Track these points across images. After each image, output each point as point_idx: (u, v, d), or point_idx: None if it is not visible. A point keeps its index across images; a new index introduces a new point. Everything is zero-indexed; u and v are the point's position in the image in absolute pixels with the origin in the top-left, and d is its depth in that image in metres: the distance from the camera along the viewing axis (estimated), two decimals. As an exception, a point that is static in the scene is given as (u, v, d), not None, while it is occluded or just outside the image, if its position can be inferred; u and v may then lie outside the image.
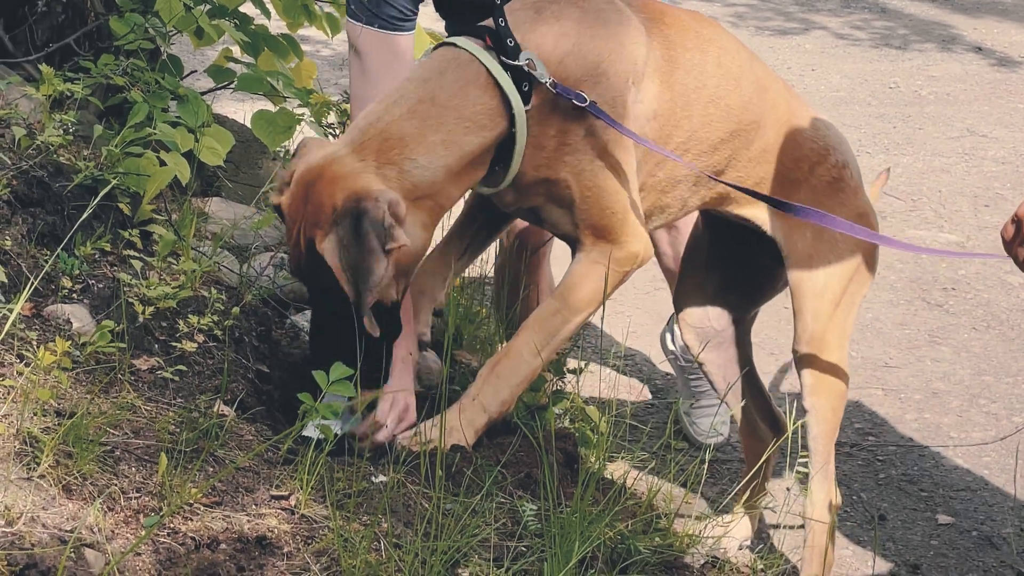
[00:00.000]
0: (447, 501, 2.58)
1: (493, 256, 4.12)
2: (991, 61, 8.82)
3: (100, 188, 3.03)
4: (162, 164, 3.26)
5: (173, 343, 2.84)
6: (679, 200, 3.12)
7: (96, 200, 2.94)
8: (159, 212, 3.30)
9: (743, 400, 3.48)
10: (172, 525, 2.29)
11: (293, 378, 3.07)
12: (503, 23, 2.81)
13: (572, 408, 3.50)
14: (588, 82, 2.83)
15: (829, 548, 3.24)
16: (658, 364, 4.70)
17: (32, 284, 2.61)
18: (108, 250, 3.03)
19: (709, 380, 3.52)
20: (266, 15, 4.44)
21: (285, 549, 2.33)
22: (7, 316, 2.55)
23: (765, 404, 3.56)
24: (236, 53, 4.32)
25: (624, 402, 4.31)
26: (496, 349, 3.61)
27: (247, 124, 4.19)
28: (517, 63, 2.77)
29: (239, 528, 2.33)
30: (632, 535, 2.72)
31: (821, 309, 3.18)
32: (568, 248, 3.03)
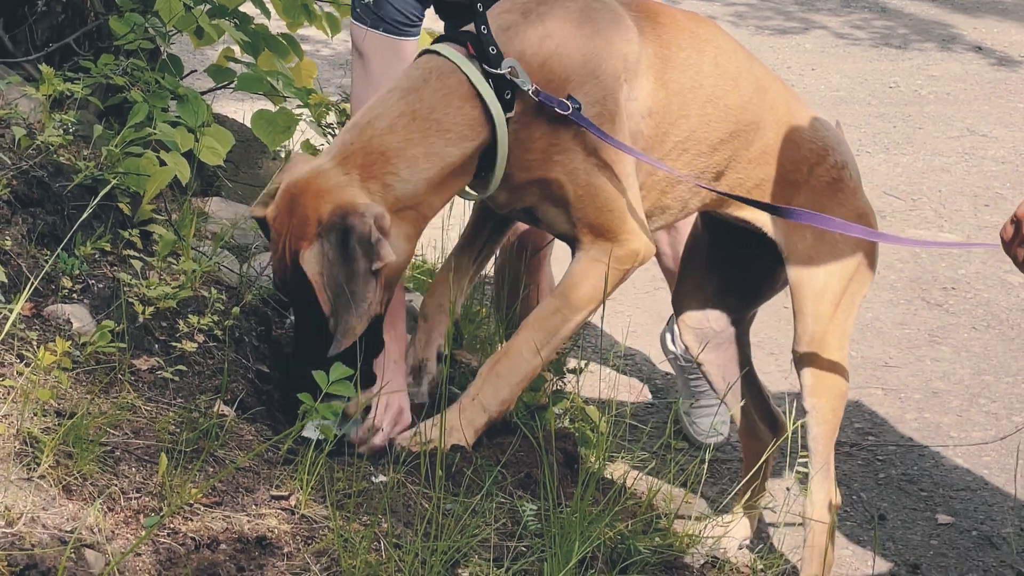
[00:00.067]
0: (447, 501, 2.58)
1: (493, 256, 4.12)
2: (991, 60, 8.82)
3: (100, 188, 3.03)
4: (162, 164, 3.26)
5: (173, 343, 2.84)
6: (680, 201, 3.12)
7: (96, 200, 2.94)
8: (159, 212, 3.30)
9: (742, 400, 3.48)
10: (172, 525, 2.29)
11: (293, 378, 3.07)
12: (485, 30, 2.81)
13: (572, 408, 3.50)
14: (574, 82, 2.83)
15: (829, 548, 3.24)
16: (658, 364, 4.70)
17: (32, 284, 2.61)
18: (108, 250, 3.03)
19: (708, 380, 3.52)
20: (266, 15, 4.43)
21: (285, 549, 2.33)
22: (7, 316, 2.55)
23: (764, 404, 3.56)
24: (236, 53, 4.32)
25: (624, 402, 4.31)
26: (496, 349, 3.61)
27: (247, 124, 4.19)
28: (499, 71, 2.78)
29: (239, 528, 2.33)
30: (632, 535, 2.72)
31: (821, 310, 3.18)
32: (569, 249, 3.03)
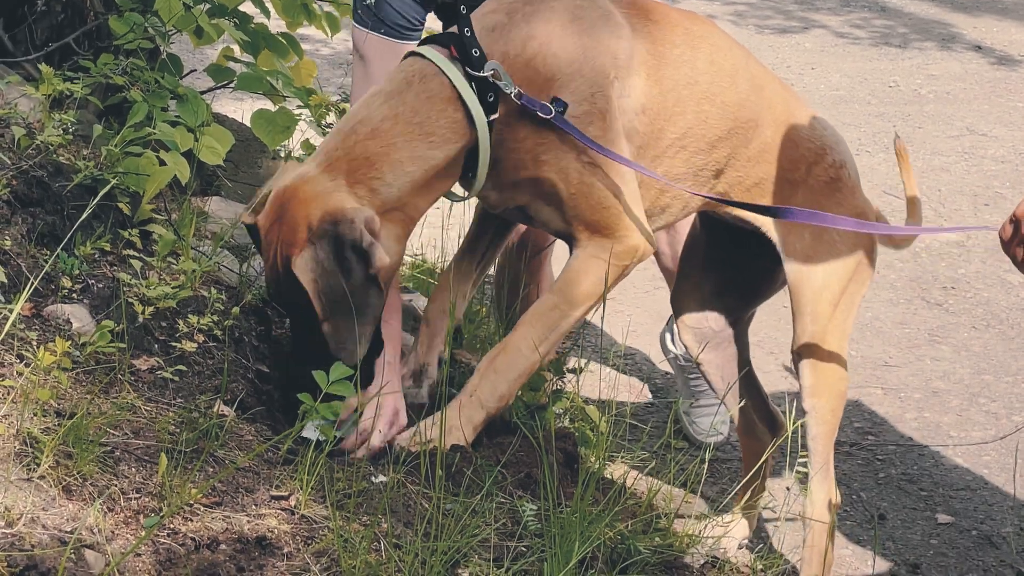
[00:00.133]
0: (447, 501, 2.57)
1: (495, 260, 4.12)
2: (991, 60, 8.82)
3: (100, 188, 3.02)
4: (162, 164, 3.25)
5: (173, 343, 2.83)
6: (679, 200, 3.11)
7: (96, 200, 2.94)
8: (159, 212, 3.29)
9: (741, 400, 3.48)
10: (172, 526, 2.29)
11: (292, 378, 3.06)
12: (468, 32, 2.81)
13: (572, 408, 3.49)
14: (560, 80, 2.83)
15: (829, 547, 3.24)
16: (658, 363, 4.70)
17: (32, 284, 2.61)
18: (108, 250, 3.02)
19: (707, 380, 3.52)
20: (265, 14, 4.43)
21: (285, 549, 2.33)
22: (7, 316, 2.55)
23: (763, 404, 3.56)
24: (236, 52, 4.32)
25: (624, 402, 4.31)
26: (496, 348, 3.61)
27: (247, 123, 4.19)
28: (482, 74, 2.78)
29: (239, 528, 2.33)
30: (632, 535, 2.72)
31: (820, 310, 3.18)
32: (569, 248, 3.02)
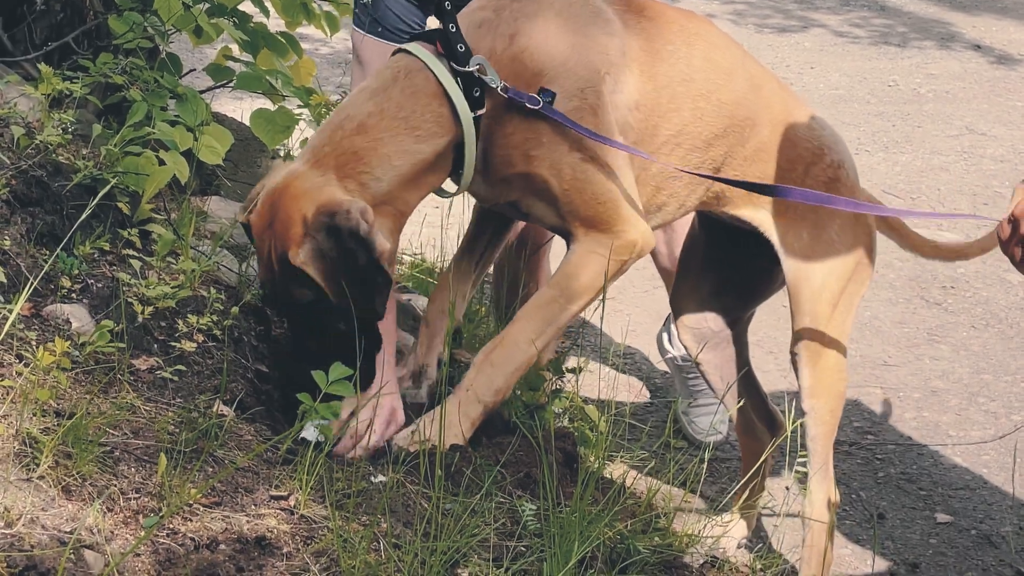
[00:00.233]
0: (446, 501, 2.57)
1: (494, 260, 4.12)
2: (990, 59, 8.82)
3: (99, 187, 3.02)
4: (161, 163, 3.25)
5: (172, 343, 2.83)
6: (676, 198, 3.10)
7: (95, 200, 2.93)
8: (158, 211, 3.29)
9: (740, 400, 3.48)
10: (171, 526, 2.29)
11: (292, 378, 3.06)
12: (453, 28, 2.81)
13: (571, 407, 3.49)
14: (547, 76, 2.83)
15: (828, 547, 3.24)
16: (657, 363, 4.70)
17: (31, 284, 2.61)
18: (107, 249, 3.02)
19: (707, 380, 3.52)
20: (265, 13, 4.43)
21: (284, 549, 2.33)
22: (6, 316, 2.55)
23: (762, 403, 3.56)
24: (235, 51, 4.32)
25: (623, 401, 4.31)
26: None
27: (246, 123, 4.18)
28: (467, 69, 2.78)
29: (238, 528, 2.33)
30: (631, 535, 2.72)
31: (819, 310, 3.17)
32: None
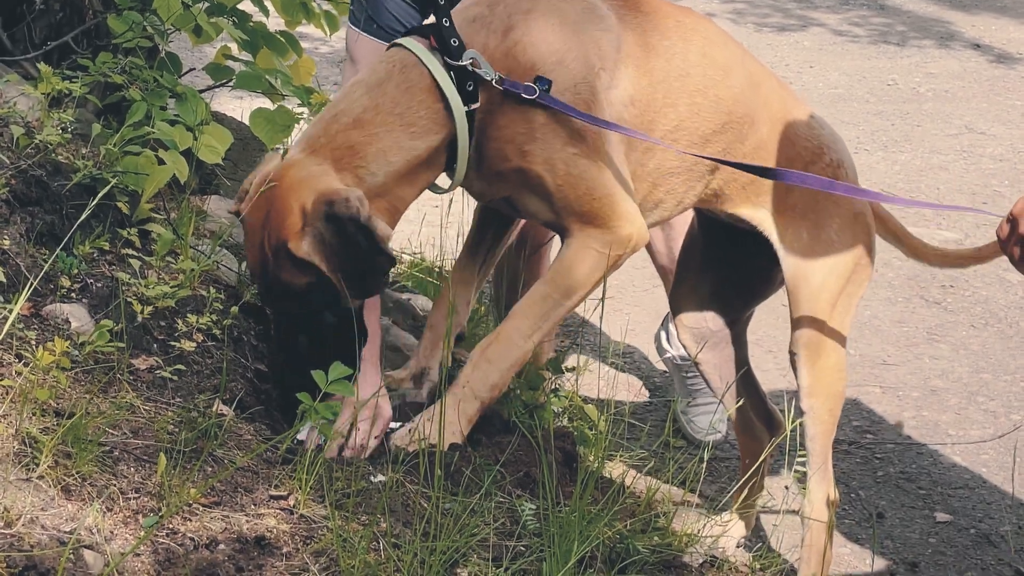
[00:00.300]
0: (446, 501, 2.57)
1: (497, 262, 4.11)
2: (989, 58, 8.82)
3: (99, 187, 3.02)
4: (160, 162, 3.25)
5: (172, 342, 2.83)
6: (673, 195, 3.09)
7: (95, 199, 2.93)
8: (158, 211, 3.29)
9: (739, 400, 3.47)
10: (171, 525, 2.29)
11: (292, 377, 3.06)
12: (447, 22, 2.81)
13: (571, 407, 3.49)
14: (540, 70, 2.83)
15: (827, 546, 3.24)
16: (656, 362, 4.70)
17: (31, 284, 2.61)
18: (107, 249, 3.02)
19: (706, 380, 3.52)
20: (264, 13, 4.43)
21: (284, 549, 2.33)
22: (6, 316, 2.55)
23: (761, 403, 3.55)
24: (234, 51, 4.32)
25: (623, 401, 4.31)
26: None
27: (246, 122, 4.18)
28: (460, 63, 2.78)
29: (238, 528, 2.33)
30: (631, 534, 2.72)
31: (818, 310, 3.17)
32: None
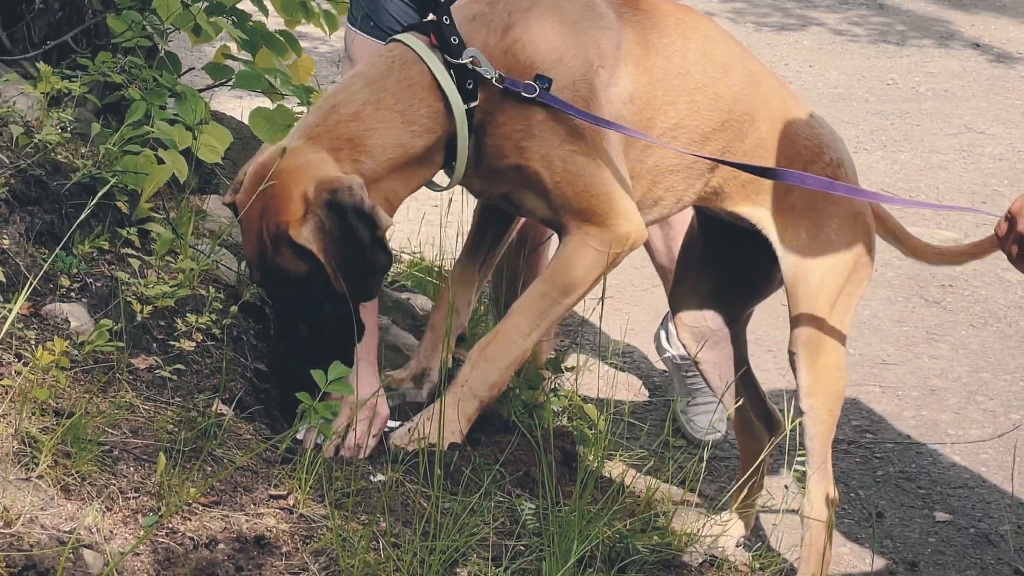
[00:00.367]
0: (445, 500, 2.57)
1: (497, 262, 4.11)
2: (989, 57, 8.82)
3: (98, 186, 3.02)
4: (160, 162, 3.25)
5: (171, 342, 2.83)
6: (672, 193, 3.09)
7: (94, 199, 2.93)
8: (157, 210, 3.29)
9: (739, 399, 3.47)
10: (171, 525, 2.29)
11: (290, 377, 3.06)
12: (447, 20, 2.81)
13: (570, 406, 3.50)
14: (539, 68, 2.83)
15: (827, 546, 3.24)
16: (656, 362, 4.70)
17: (31, 283, 2.61)
18: (106, 248, 3.02)
19: (705, 379, 3.52)
20: (264, 12, 4.43)
21: (283, 549, 2.33)
22: (6, 316, 2.55)
23: (761, 402, 3.55)
24: (234, 50, 4.32)
25: (622, 400, 4.31)
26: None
27: (245, 121, 4.18)
28: (460, 61, 2.78)
29: (237, 528, 2.33)
30: (630, 534, 2.72)
31: (817, 309, 3.16)
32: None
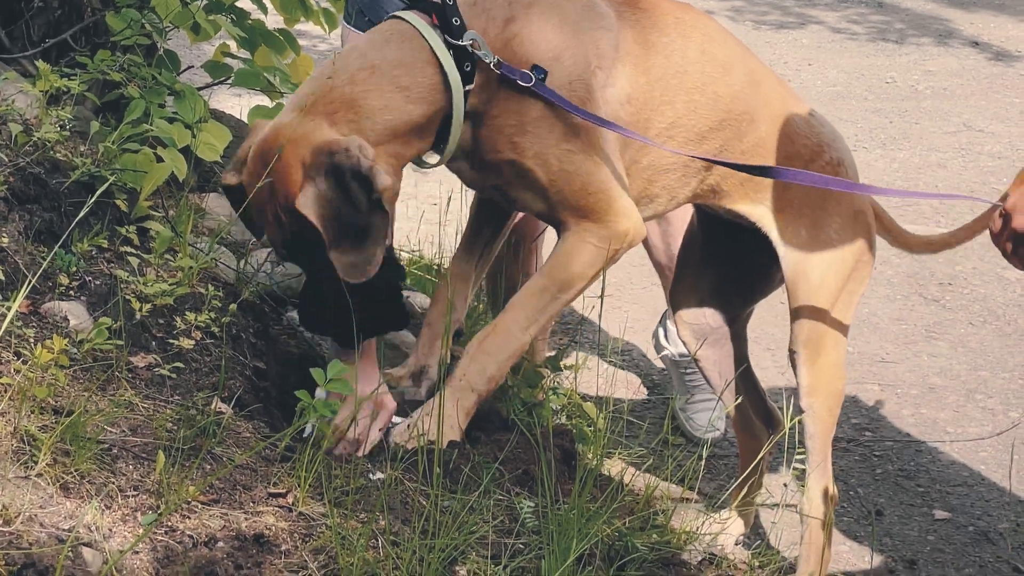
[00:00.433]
0: (445, 498, 2.57)
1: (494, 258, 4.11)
2: (988, 55, 8.82)
3: (97, 184, 3.02)
4: (159, 160, 3.25)
5: (170, 340, 2.83)
6: (667, 191, 3.08)
7: (93, 197, 2.93)
8: (156, 208, 3.29)
9: (738, 397, 3.47)
10: (170, 523, 2.29)
11: (291, 374, 3.06)
12: (450, 1, 2.80)
13: (569, 404, 3.50)
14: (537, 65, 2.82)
15: (826, 544, 3.24)
16: (655, 360, 4.70)
17: (29, 282, 2.61)
18: (105, 247, 3.02)
19: (705, 377, 3.52)
20: (263, 10, 4.43)
21: (283, 547, 2.33)
22: (4, 314, 2.55)
23: (760, 400, 3.55)
24: (233, 48, 4.32)
25: (621, 398, 4.31)
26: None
27: (244, 119, 4.19)
28: (460, 43, 2.77)
29: (237, 526, 2.33)
30: (630, 532, 2.72)
31: (817, 308, 3.16)
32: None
